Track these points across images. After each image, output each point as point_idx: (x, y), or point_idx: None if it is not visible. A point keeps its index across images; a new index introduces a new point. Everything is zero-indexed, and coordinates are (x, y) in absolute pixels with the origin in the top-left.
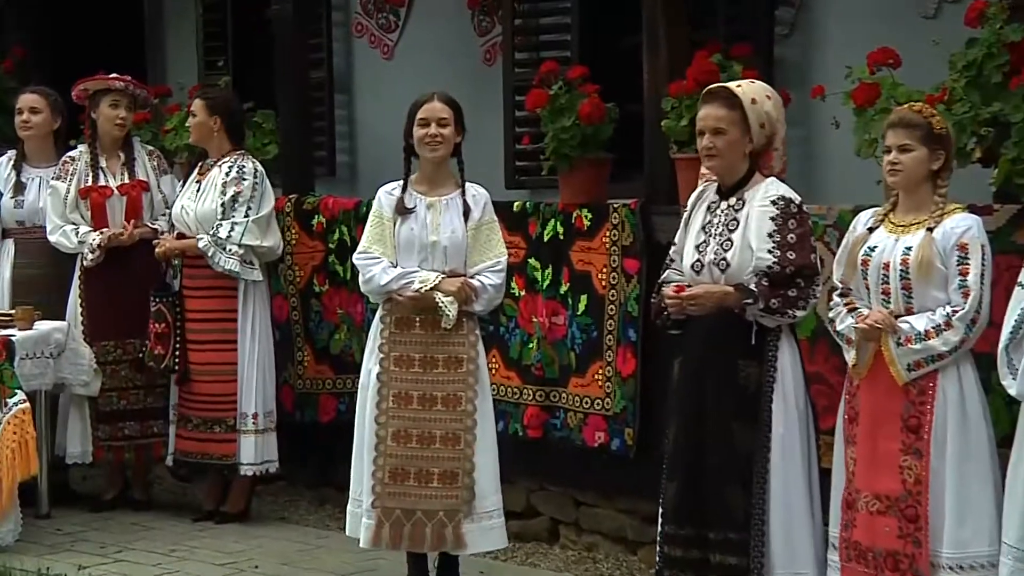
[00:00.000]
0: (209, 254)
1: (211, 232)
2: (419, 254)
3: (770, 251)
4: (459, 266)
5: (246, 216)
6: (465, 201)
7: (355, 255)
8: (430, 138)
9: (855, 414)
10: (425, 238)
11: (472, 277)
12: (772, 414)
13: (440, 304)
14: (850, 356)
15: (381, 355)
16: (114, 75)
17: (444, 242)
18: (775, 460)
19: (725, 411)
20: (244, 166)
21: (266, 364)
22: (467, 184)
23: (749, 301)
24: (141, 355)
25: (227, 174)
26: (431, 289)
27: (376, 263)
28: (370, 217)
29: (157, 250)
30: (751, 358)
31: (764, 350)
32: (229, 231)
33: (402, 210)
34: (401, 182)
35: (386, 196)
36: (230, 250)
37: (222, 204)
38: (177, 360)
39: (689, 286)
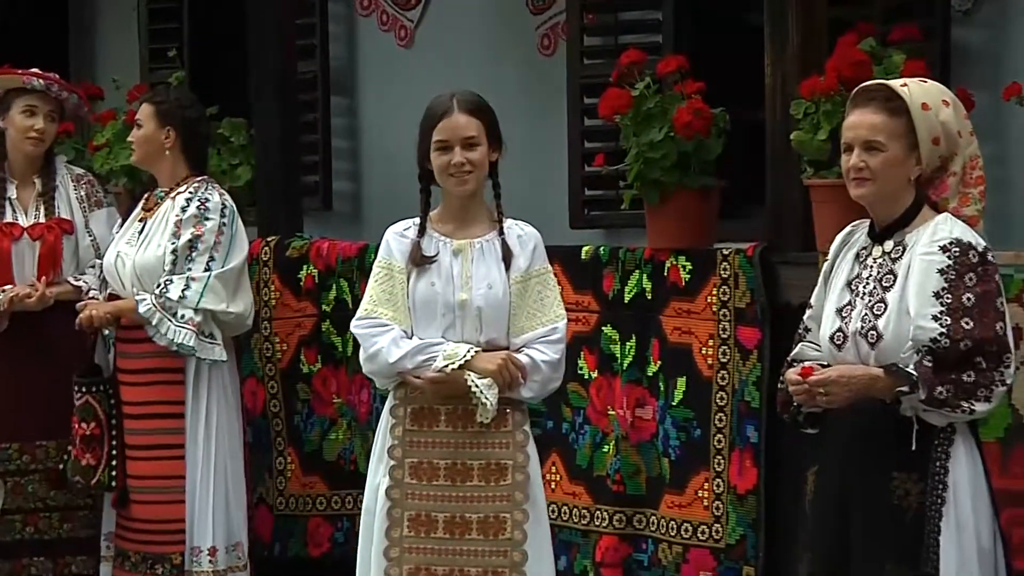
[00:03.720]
0: (153, 322)
1: (156, 291)
2: (443, 319)
3: (936, 317)
4: (500, 335)
5: (207, 270)
6: (505, 243)
7: (354, 321)
8: (455, 169)
9: None
10: (451, 297)
11: (518, 350)
12: (941, 551)
13: (474, 390)
14: None
15: (393, 462)
16: (34, 70)
17: (478, 302)
18: None
19: (874, 545)
20: (208, 199)
21: (229, 478)
22: (508, 220)
23: (904, 389)
24: (62, 464)
25: (183, 209)
26: (460, 368)
27: (383, 332)
28: (375, 269)
29: (80, 316)
30: (911, 469)
31: (929, 458)
32: (182, 290)
33: (419, 259)
34: (417, 220)
35: (397, 239)
36: (182, 317)
37: (173, 251)
38: (114, 474)
39: (825, 365)
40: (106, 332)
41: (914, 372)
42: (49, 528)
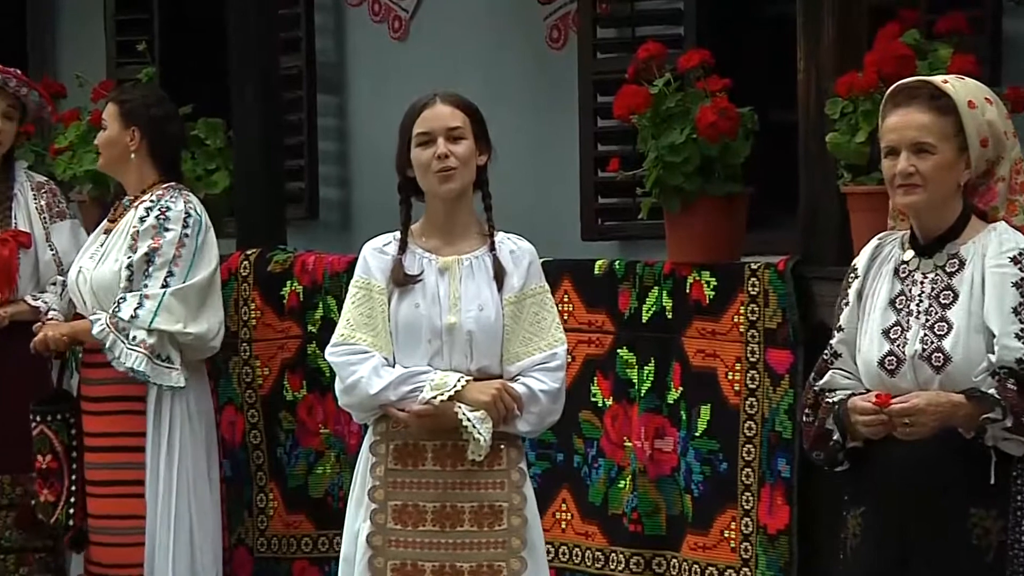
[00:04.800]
0: (107, 345)
1: (111, 310)
2: (429, 345)
3: (1019, 335)
4: (492, 362)
5: (164, 286)
6: (497, 259)
7: (330, 348)
8: (439, 162)
9: None
10: (438, 320)
11: (513, 379)
12: None
13: (465, 424)
14: None
15: (374, 505)
16: None
17: (468, 325)
18: None
19: None
20: (169, 207)
21: (194, 517)
22: (500, 234)
23: (993, 415)
24: (33, 501)
25: (141, 220)
26: (450, 399)
27: (362, 360)
28: (351, 289)
29: (35, 338)
30: (989, 506)
31: (1009, 492)
32: (135, 308)
33: (401, 278)
34: (398, 234)
35: (375, 256)
36: (134, 338)
37: (129, 266)
38: (72, 512)
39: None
40: (79, 355)
41: (999, 397)
42: (4, 572)
